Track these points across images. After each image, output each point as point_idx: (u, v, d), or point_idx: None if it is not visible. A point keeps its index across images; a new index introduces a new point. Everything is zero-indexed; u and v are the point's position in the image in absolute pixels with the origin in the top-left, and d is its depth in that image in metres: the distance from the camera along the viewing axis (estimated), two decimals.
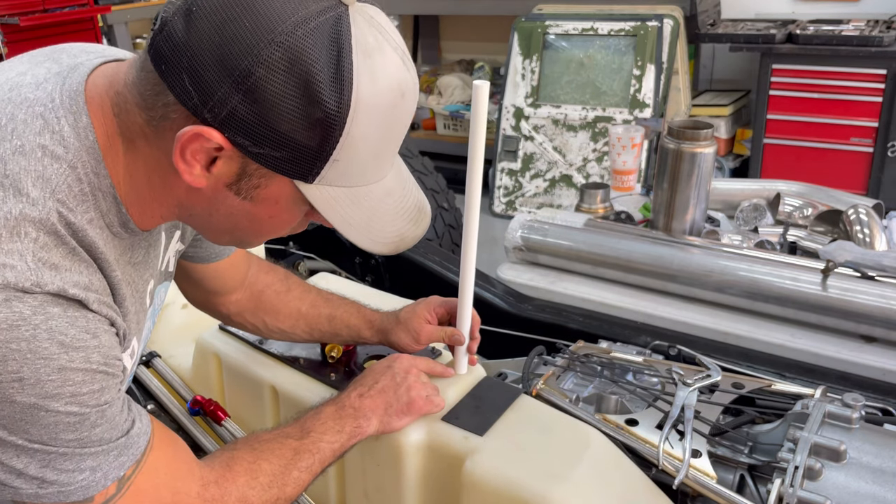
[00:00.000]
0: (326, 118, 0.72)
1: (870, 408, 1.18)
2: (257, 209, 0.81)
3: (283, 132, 0.72)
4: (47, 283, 0.71)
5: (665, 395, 1.19)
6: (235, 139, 0.73)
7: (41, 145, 0.75)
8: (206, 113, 0.72)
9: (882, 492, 0.98)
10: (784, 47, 3.62)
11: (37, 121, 0.76)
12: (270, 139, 0.73)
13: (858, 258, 1.61)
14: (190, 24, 0.71)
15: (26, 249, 0.71)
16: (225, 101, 0.71)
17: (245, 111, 0.71)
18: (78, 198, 0.76)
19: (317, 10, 0.71)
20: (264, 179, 0.77)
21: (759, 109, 3.78)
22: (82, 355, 0.74)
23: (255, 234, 0.87)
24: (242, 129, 0.72)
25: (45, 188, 0.73)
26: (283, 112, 0.71)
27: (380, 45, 0.74)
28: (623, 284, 1.80)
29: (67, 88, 0.78)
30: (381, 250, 0.87)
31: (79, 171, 0.76)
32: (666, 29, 3.71)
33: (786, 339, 1.56)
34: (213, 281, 1.19)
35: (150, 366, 1.53)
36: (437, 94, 5.13)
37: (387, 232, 0.85)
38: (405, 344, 1.20)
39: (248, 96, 0.70)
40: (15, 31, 4.55)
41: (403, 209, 0.87)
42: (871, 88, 3.49)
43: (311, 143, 0.73)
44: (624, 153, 2.19)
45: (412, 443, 1.08)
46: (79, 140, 0.76)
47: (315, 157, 0.75)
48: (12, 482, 0.75)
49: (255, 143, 0.73)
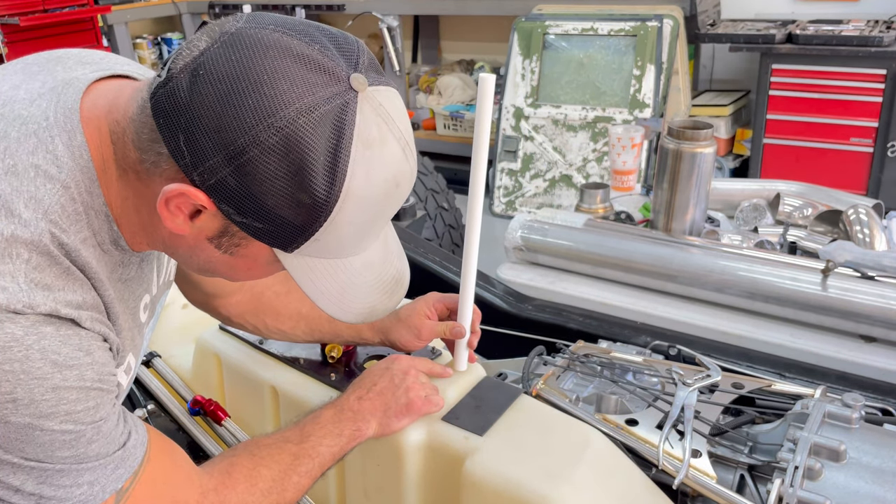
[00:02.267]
0: (314, 204, 0.72)
1: (869, 408, 1.18)
2: (237, 262, 0.81)
3: (269, 207, 0.72)
4: (39, 305, 0.71)
5: (665, 395, 1.19)
6: (220, 205, 0.73)
7: (34, 165, 0.74)
8: (196, 176, 0.71)
9: (882, 492, 0.98)
10: (784, 47, 3.63)
11: (30, 139, 0.75)
12: (255, 212, 0.72)
13: (858, 258, 1.61)
14: (195, 87, 0.70)
15: (18, 271, 0.71)
16: (215, 170, 0.70)
17: (234, 183, 0.71)
18: (71, 217, 0.75)
19: (324, 98, 0.70)
20: (244, 241, 0.78)
21: (759, 109, 3.78)
22: (76, 373, 0.73)
23: (234, 279, 0.88)
24: (228, 198, 0.72)
25: (37, 209, 0.73)
26: (271, 190, 0.71)
27: (382, 136, 0.74)
28: (623, 284, 1.80)
29: (62, 106, 0.77)
30: (349, 320, 0.86)
31: (72, 190, 0.75)
32: (666, 29, 3.71)
33: (786, 339, 1.56)
34: (212, 283, 1.19)
35: (151, 366, 1.53)
36: (437, 94, 5.13)
37: (358, 303, 0.85)
38: (407, 341, 1.19)
39: (239, 171, 0.70)
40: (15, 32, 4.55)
41: (380, 282, 0.86)
42: (871, 88, 3.49)
43: (295, 221, 0.73)
44: (624, 153, 2.19)
45: (412, 443, 1.08)
46: (73, 159, 0.76)
47: (297, 233, 0.75)
48: (10, 498, 0.75)
49: (240, 212, 0.73)
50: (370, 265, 0.84)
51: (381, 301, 0.87)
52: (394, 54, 4.31)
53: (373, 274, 0.85)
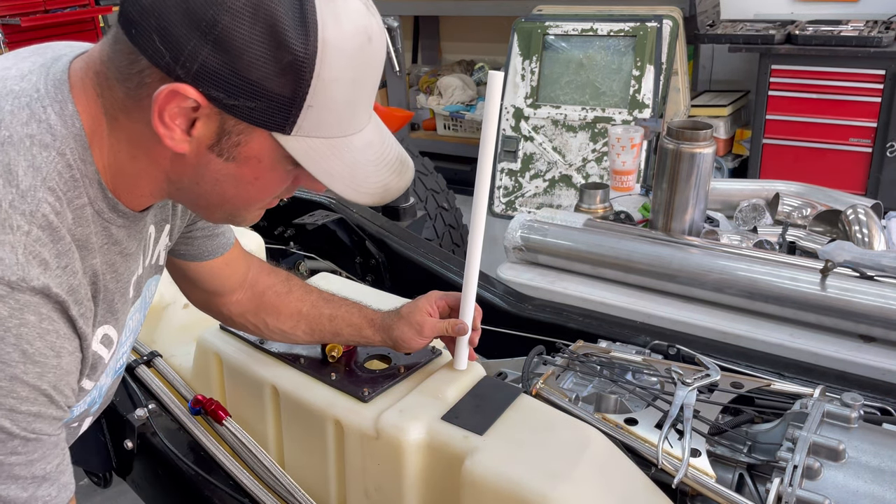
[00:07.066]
0: (295, 61, 0.72)
1: (868, 407, 1.18)
2: (241, 170, 0.81)
3: (255, 80, 0.73)
4: (33, 279, 0.72)
5: (664, 395, 1.19)
6: (210, 93, 0.73)
7: (29, 135, 0.75)
8: (179, 69, 0.72)
9: (881, 491, 0.98)
10: (783, 48, 3.63)
11: (23, 111, 0.76)
12: (244, 89, 0.73)
13: (857, 258, 1.61)
14: None
15: (18, 242, 0.72)
16: (195, 55, 0.71)
17: (216, 62, 0.72)
18: (69, 183, 0.77)
19: None
20: (244, 136, 0.78)
21: (758, 110, 3.78)
22: (38, 371, 0.74)
23: (244, 201, 0.86)
24: (215, 81, 0.73)
25: (35, 177, 0.74)
26: (253, 59, 0.72)
27: None
28: (622, 284, 1.80)
29: (52, 78, 0.79)
30: (366, 201, 0.86)
31: (67, 157, 0.77)
32: (665, 29, 3.72)
33: (785, 338, 1.56)
34: (211, 281, 1.19)
35: (152, 365, 1.54)
36: (438, 95, 5.13)
37: (370, 182, 0.85)
38: (409, 338, 1.19)
39: (217, 46, 0.71)
40: (16, 32, 4.56)
41: (385, 160, 0.87)
42: (870, 89, 3.49)
43: (284, 90, 0.74)
44: (623, 153, 2.20)
45: (412, 442, 1.09)
46: (66, 127, 0.77)
47: (289, 104, 0.75)
48: None
49: (230, 94, 0.73)
50: (370, 144, 0.85)
51: (392, 180, 0.87)
52: (394, 55, 4.32)
53: (375, 152, 0.85)
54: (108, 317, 0.89)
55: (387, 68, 4.47)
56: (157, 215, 0.99)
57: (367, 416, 1.13)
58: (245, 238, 1.80)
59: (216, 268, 1.17)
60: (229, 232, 1.18)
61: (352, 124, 0.81)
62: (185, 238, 1.11)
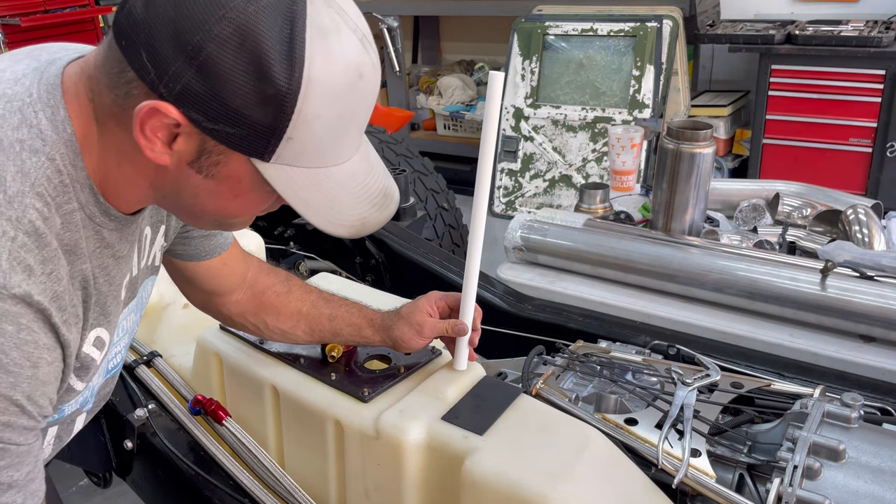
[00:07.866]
0: (277, 95, 0.72)
1: (868, 407, 1.18)
2: (220, 188, 0.80)
3: (236, 108, 0.72)
4: (14, 286, 0.71)
5: (664, 395, 1.19)
6: (190, 114, 0.73)
7: (19, 140, 0.75)
8: (162, 88, 0.72)
9: (881, 491, 0.98)
10: (783, 48, 3.63)
11: (14, 116, 0.76)
12: (224, 115, 0.73)
13: (857, 258, 1.61)
14: (149, 1, 0.72)
15: (3, 248, 0.72)
16: (179, 76, 0.71)
17: (198, 86, 0.71)
18: (58, 188, 0.77)
19: None
20: (223, 157, 0.77)
21: (759, 110, 3.78)
22: (11, 380, 0.73)
23: (226, 215, 0.86)
24: (196, 104, 0.72)
25: (24, 182, 0.74)
26: (235, 88, 0.71)
27: (336, 27, 0.74)
28: (622, 284, 1.80)
29: (45, 82, 0.79)
30: (340, 233, 0.86)
31: (57, 162, 0.77)
32: (665, 30, 3.71)
33: (785, 338, 1.56)
34: (209, 281, 1.19)
35: (152, 365, 1.54)
36: (438, 95, 5.13)
37: (348, 215, 0.84)
38: (409, 338, 1.19)
39: (201, 72, 0.71)
40: (16, 32, 4.56)
41: (367, 193, 0.86)
42: (870, 89, 3.49)
43: (264, 119, 0.73)
44: (623, 153, 2.20)
45: (412, 442, 1.09)
46: (56, 133, 0.77)
47: (268, 134, 0.74)
48: None
49: (209, 118, 0.73)
50: (353, 175, 0.83)
51: (371, 213, 0.86)
52: (394, 55, 4.32)
53: (358, 184, 0.84)
54: (100, 319, 0.88)
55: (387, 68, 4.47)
56: (153, 216, 0.99)
57: (367, 416, 1.13)
58: (245, 238, 1.80)
59: (214, 268, 1.17)
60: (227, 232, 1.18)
61: (335, 156, 0.81)
62: (182, 238, 1.11)
